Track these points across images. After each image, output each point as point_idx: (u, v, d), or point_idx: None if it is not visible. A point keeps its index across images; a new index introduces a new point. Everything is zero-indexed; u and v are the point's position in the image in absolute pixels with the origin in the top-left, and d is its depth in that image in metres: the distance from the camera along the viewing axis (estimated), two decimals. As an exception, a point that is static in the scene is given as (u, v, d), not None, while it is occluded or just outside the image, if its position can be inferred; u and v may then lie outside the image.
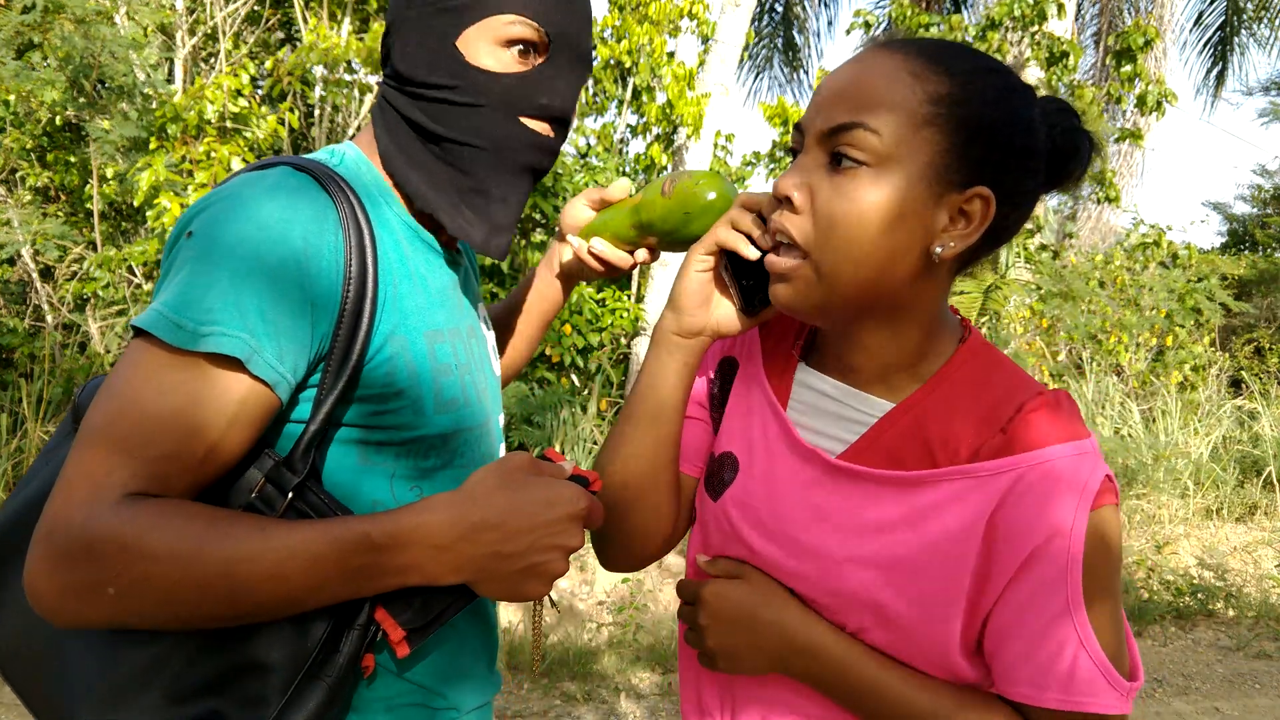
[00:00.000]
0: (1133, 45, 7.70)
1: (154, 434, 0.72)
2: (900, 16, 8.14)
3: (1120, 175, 11.13)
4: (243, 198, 0.78)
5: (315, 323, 0.78)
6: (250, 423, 0.76)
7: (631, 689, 3.37)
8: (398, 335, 0.84)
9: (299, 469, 0.79)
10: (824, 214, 0.74)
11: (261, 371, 0.75)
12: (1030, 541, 0.73)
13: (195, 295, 0.74)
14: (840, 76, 0.77)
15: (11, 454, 4.18)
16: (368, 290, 0.80)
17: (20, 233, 4.38)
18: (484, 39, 0.88)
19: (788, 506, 0.84)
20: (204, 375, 0.73)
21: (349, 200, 0.82)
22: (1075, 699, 0.73)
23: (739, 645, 0.84)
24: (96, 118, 4.64)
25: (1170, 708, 3.47)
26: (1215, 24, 11.65)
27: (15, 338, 4.57)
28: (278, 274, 0.76)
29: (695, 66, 6.23)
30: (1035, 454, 0.75)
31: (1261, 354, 8.57)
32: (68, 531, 0.69)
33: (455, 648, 0.95)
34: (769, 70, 12.98)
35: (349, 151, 0.92)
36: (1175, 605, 4.44)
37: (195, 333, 0.73)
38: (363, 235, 0.81)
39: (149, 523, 0.70)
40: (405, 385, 0.84)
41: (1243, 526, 5.55)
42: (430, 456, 0.89)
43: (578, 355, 5.58)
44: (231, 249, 0.75)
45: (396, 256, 0.87)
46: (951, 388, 0.81)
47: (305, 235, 0.77)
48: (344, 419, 0.84)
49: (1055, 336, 6.91)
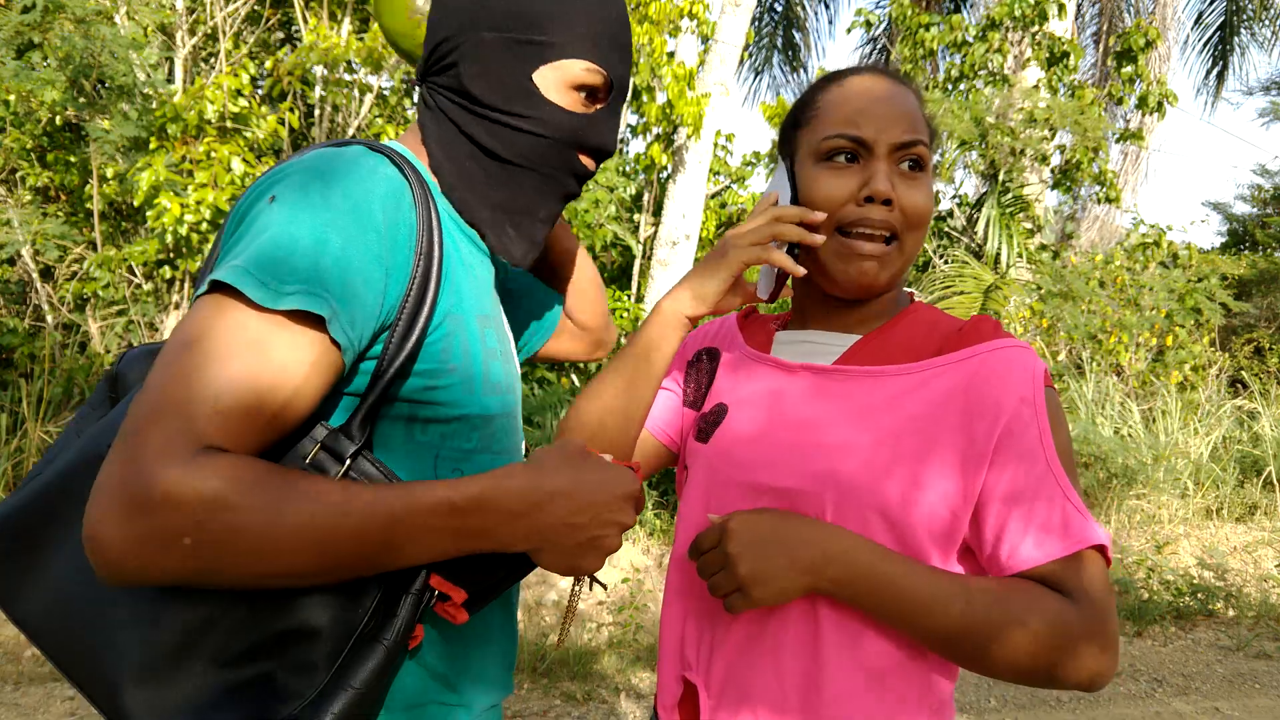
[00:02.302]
0: (1134, 46, 7.70)
1: (230, 388, 0.71)
2: (900, 16, 8.14)
3: (1122, 176, 11.13)
4: (324, 169, 0.81)
5: (386, 293, 0.81)
6: (320, 385, 0.77)
7: (631, 689, 3.37)
8: (455, 314, 0.88)
9: (356, 437, 0.81)
10: (913, 208, 0.95)
11: (337, 334, 0.76)
12: (1002, 415, 0.89)
13: (280, 255, 0.75)
14: (883, 98, 0.97)
15: (11, 454, 4.18)
16: (434, 266, 0.84)
17: (20, 232, 4.38)
18: (558, 77, 0.94)
19: (776, 424, 0.98)
20: (285, 332, 0.74)
21: (421, 183, 0.87)
22: (1073, 542, 0.86)
23: (772, 566, 0.88)
24: (96, 118, 4.64)
25: (1170, 708, 3.47)
26: (1215, 24, 11.66)
27: (15, 338, 4.57)
28: (358, 242, 0.78)
29: (695, 66, 6.23)
30: (990, 343, 0.93)
31: (1261, 354, 8.57)
32: (142, 481, 0.67)
33: (479, 642, 0.96)
34: (769, 70, 12.99)
35: (398, 147, 0.95)
36: (1175, 605, 4.45)
37: (279, 290, 0.73)
38: (431, 215, 0.85)
39: (230, 474, 0.69)
40: (459, 362, 0.88)
41: (1243, 526, 5.55)
42: (473, 438, 0.92)
43: (578, 355, 5.58)
44: (315, 215, 0.77)
45: (452, 242, 0.92)
46: (912, 321, 1.01)
47: (384, 208, 0.81)
48: (401, 394, 0.86)
49: (1055, 336, 6.91)
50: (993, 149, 7.19)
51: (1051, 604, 0.85)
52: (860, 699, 0.90)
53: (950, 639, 0.86)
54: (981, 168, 7.53)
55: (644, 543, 4.62)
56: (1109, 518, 5.38)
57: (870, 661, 0.90)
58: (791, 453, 0.94)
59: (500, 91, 0.93)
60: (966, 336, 0.95)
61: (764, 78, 13.09)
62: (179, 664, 0.74)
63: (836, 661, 0.90)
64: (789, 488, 0.93)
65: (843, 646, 0.90)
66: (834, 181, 0.95)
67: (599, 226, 6.06)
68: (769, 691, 0.93)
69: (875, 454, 0.90)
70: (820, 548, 0.87)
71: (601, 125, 0.98)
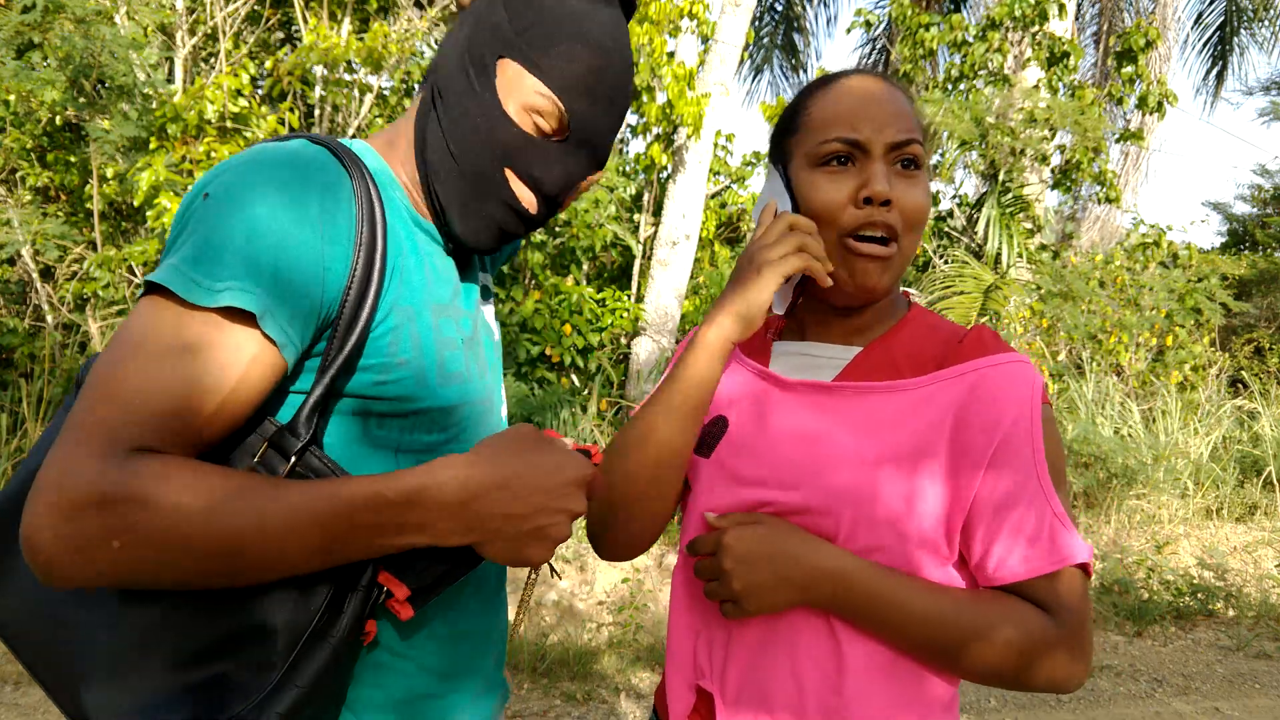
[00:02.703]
0: (1134, 46, 7.70)
1: (164, 388, 0.72)
2: (900, 16, 8.13)
3: (1122, 176, 11.13)
4: (261, 163, 0.79)
5: (325, 288, 0.79)
6: (258, 382, 0.77)
7: (631, 689, 3.37)
8: (404, 305, 0.86)
9: (301, 434, 0.79)
10: (908, 208, 0.94)
11: (272, 331, 0.75)
12: (998, 430, 0.88)
13: (212, 253, 0.74)
14: (877, 99, 0.96)
15: (12, 454, 4.18)
16: (376, 259, 0.82)
17: (20, 232, 4.38)
18: (517, 91, 0.89)
19: (779, 439, 0.97)
20: (217, 330, 0.74)
21: (362, 175, 0.84)
22: (1060, 558, 0.88)
23: (765, 580, 0.89)
24: (96, 117, 4.64)
25: (1170, 708, 3.47)
26: (1215, 24, 11.66)
27: (15, 337, 4.57)
28: (292, 238, 0.77)
29: (695, 66, 6.22)
30: (990, 359, 0.92)
31: (1261, 354, 8.57)
32: (75, 482, 0.68)
33: (466, 638, 0.96)
34: (769, 70, 12.99)
35: (357, 144, 0.94)
36: (1175, 605, 4.45)
37: (210, 288, 0.73)
38: (374, 208, 0.83)
39: (162, 476, 0.69)
40: (410, 355, 0.86)
41: (1243, 526, 5.55)
42: (434, 431, 0.90)
43: (578, 355, 5.59)
44: (248, 211, 0.76)
45: (405, 234, 0.90)
46: (911, 330, 1.00)
47: (321, 201, 0.79)
48: (348, 389, 0.84)
49: (1055, 336, 6.91)
50: (993, 149, 7.19)
51: (1028, 616, 0.88)
52: (876, 696, 0.91)
53: (931, 646, 0.89)
54: (981, 168, 7.53)
55: (644, 543, 4.62)
56: (1109, 517, 5.38)
57: (884, 658, 0.91)
58: (796, 469, 0.94)
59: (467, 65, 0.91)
60: (968, 349, 0.95)
61: (764, 78, 13.10)
62: (136, 665, 0.75)
63: (852, 660, 0.91)
64: (796, 505, 0.92)
65: (857, 644, 0.91)
66: (832, 185, 0.94)
67: (599, 226, 6.06)
68: (786, 695, 0.93)
69: (882, 470, 0.91)
70: (809, 564, 0.89)
71: (545, 155, 0.91)
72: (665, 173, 6.51)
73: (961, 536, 0.91)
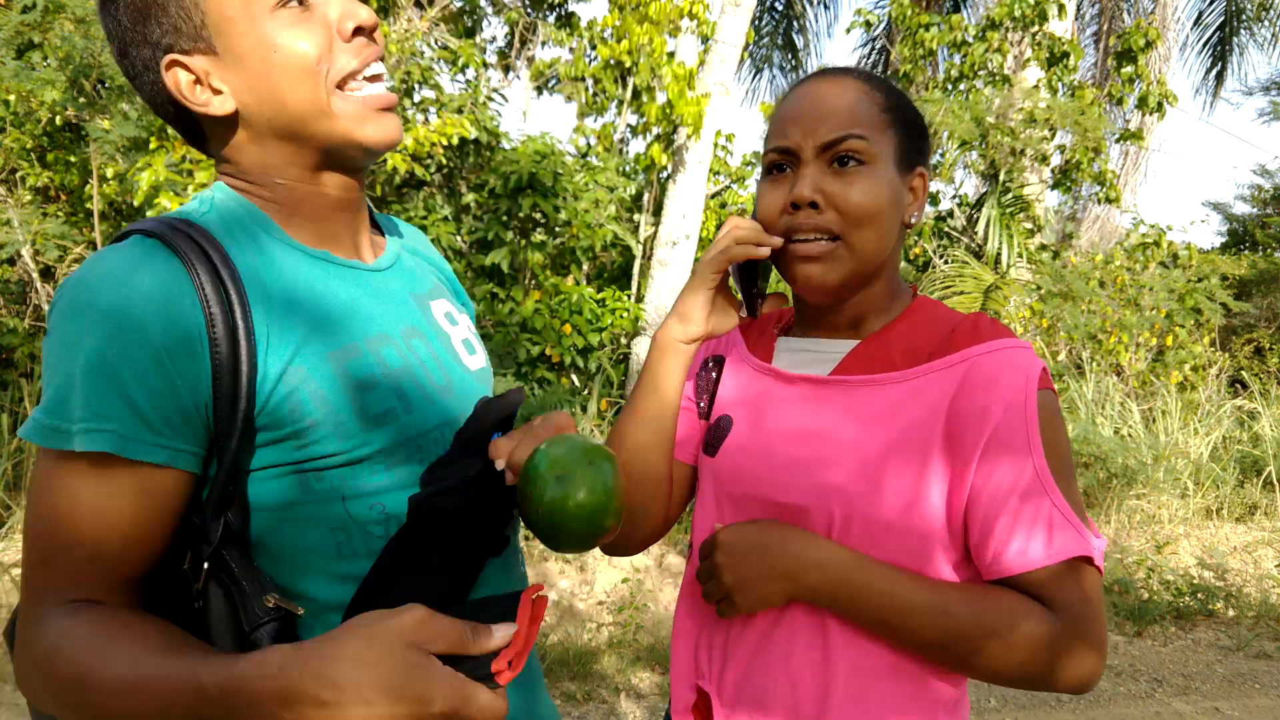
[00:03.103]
0: (1134, 46, 7.70)
1: (67, 541, 0.74)
2: (900, 16, 8.13)
3: (1122, 176, 11.13)
4: (91, 282, 0.75)
5: (191, 387, 0.75)
6: (163, 505, 0.76)
7: (631, 689, 3.37)
8: (294, 368, 0.79)
9: (211, 538, 0.77)
10: (850, 205, 0.93)
11: (147, 456, 0.73)
12: (991, 419, 0.87)
13: (61, 395, 0.73)
14: (813, 101, 0.96)
15: (11, 454, 4.18)
16: (240, 337, 0.76)
17: (20, 232, 4.38)
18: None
19: (777, 438, 0.97)
20: (93, 473, 0.73)
21: (204, 251, 0.78)
22: (1057, 553, 0.86)
23: (753, 573, 0.90)
24: (97, 117, 4.64)
25: (1170, 708, 3.47)
26: (1215, 24, 11.66)
27: (15, 337, 4.57)
28: (135, 352, 0.73)
29: (695, 66, 6.22)
30: (983, 345, 0.91)
31: (1261, 354, 8.57)
32: (21, 643, 0.76)
33: None
34: (769, 70, 12.99)
35: (217, 194, 0.88)
36: (1175, 605, 4.44)
37: (68, 433, 0.72)
38: (222, 284, 0.77)
39: (57, 644, 0.73)
40: (318, 416, 0.79)
41: (1243, 526, 5.55)
42: (379, 472, 0.83)
43: (578, 355, 5.59)
44: (82, 342, 0.73)
45: (280, 285, 0.82)
46: (911, 322, 0.99)
47: (153, 307, 0.74)
48: (265, 462, 0.79)
49: (1055, 336, 6.91)
50: (993, 149, 7.19)
51: (1023, 611, 0.86)
52: (872, 699, 0.91)
53: (932, 646, 0.88)
54: (981, 168, 7.53)
55: (644, 543, 4.62)
56: (1109, 517, 5.38)
57: (879, 661, 0.91)
58: (793, 468, 0.95)
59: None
60: (961, 338, 0.94)
61: (764, 78, 13.09)
62: None
63: (846, 664, 0.91)
64: (793, 503, 0.93)
65: (851, 648, 0.91)
66: (769, 195, 0.97)
67: (599, 226, 6.06)
68: (781, 698, 0.93)
69: (873, 465, 0.90)
70: (799, 556, 0.89)
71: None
72: (665, 173, 6.51)
73: (965, 531, 0.90)
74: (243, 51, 0.81)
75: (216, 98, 0.83)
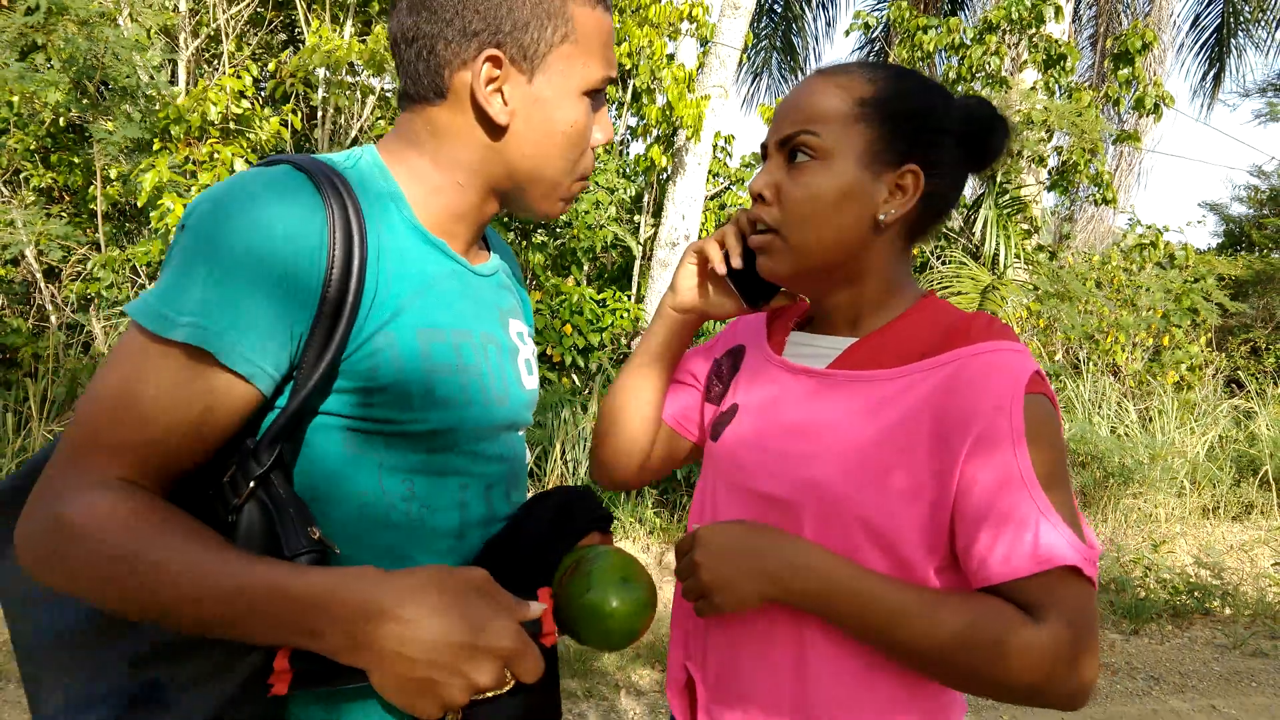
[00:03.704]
0: (1130, 48, 7.72)
1: (137, 420, 0.75)
2: (899, 18, 8.16)
3: (1119, 177, 11.16)
4: (235, 195, 0.80)
5: (295, 318, 0.79)
6: (229, 413, 0.78)
7: (632, 686, 3.39)
8: (385, 332, 0.84)
9: (263, 460, 0.79)
10: (789, 199, 0.94)
11: (236, 364, 0.77)
12: (975, 423, 0.85)
13: (180, 286, 0.76)
14: (788, 99, 0.98)
15: (16, 453, 4.20)
16: (350, 287, 0.81)
17: (24, 233, 4.41)
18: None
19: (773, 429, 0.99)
20: (182, 364, 0.76)
21: (344, 201, 0.83)
22: (1043, 560, 0.82)
23: (731, 573, 0.89)
24: (100, 119, 4.67)
25: (1167, 706, 3.50)
26: (1212, 26, 11.70)
27: (20, 337, 4.59)
28: (259, 270, 0.77)
29: (695, 69, 6.25)
30: (973, 347, 0.89)
31: (1258, 354, 8.61)
32: (44, 501, 0.75)
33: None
34: (768, 72, 13.02)
35: (365, 156, 0.94)
36: (1172, 604, 4.47)
37: (174, 322, 0.75)
38: (350, 235, 0.82)
39: (105, 517, 0.73)
40: (390, 381, 0.84)
41: (1239, 525, 5.58)
42: (421, 451, 0.88)
43: (578, 355, 5.61)
44: (218, 244, 0.77)
45: (397, 256, 0.87)
46: (911, 321, 0.97)
47: (288, 233, 0.79)
48: (329, 408, 0.84)
49: (1052, 336, 6.94)
50: (990, 150, 7.20)
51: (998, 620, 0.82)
52: (848, 697, 0.91)
53: (917, 655, 0.85)
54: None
55: (644, 540, 4.64)
56: (1105, 517, 5.41)
57: (857, 661, 0.90)
58: (781, 460, 0.95)
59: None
60: (955, 338, 0.91)
61: (763, 80, 13.12)
62: (91, 653, 0.80)
63: (823, 660, 0.91)
64: (777, 496, 0.93)
65: (829, 645, 0.91)
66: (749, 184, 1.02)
67: (599, 227, 6.09)
68: (760, 688, 0.94)
69: (855, 463, 0.89)
70: (779, 558, 0.88)
71: None
72: (665, 174, 6.54)
73: (947, 538, 0.88)
74: (547, 99, 0.90)
75: (503, 107, 0.90)
